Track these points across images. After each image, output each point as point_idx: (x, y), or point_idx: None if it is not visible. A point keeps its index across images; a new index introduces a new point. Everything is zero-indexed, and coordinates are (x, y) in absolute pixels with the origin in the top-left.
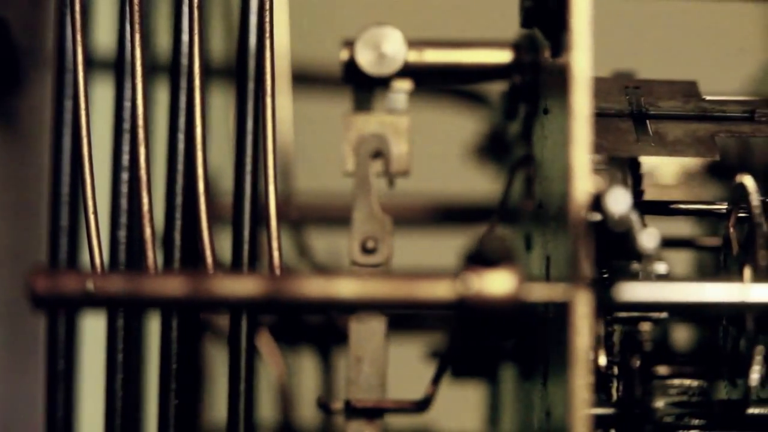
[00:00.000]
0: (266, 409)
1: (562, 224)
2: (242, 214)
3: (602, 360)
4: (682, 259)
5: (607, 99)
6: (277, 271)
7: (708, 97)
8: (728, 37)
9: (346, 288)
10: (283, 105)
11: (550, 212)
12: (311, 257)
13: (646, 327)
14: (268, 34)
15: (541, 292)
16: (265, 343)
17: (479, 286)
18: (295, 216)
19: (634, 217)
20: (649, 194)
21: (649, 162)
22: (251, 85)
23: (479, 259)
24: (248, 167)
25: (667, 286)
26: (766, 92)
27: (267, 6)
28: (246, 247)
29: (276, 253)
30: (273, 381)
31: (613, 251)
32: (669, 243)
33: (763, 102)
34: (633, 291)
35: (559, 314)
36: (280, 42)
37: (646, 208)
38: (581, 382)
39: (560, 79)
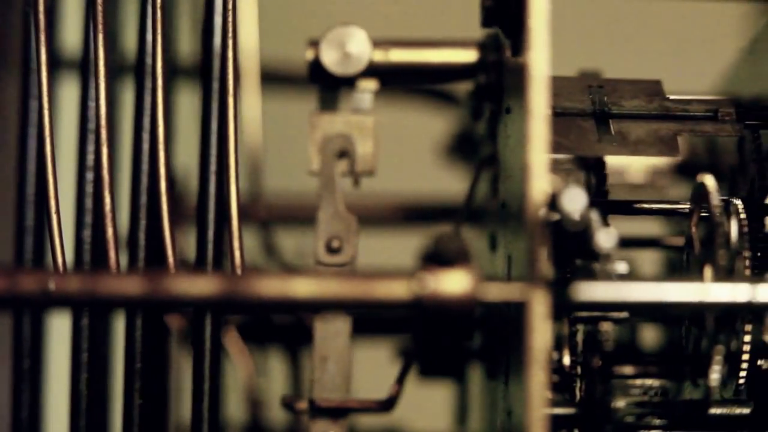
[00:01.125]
0: (234, 409)
1: (521, 224)
2: (207, 213)
3: (566, 360)
4: (653, 259)
5: (570, 98)
6: (239, 271)
7: (672, 97)
8: (696, 36)
9: (302, 287)
10: (251, 105)
11: (511, 212)
12: (279, 257)
13: (606, 327)
14: (231, 34)
15: (497, 292)
16: (233, 342)
17: (435, 285)
18: (263, 215)
19: (594, 217)
20: (618, 194)
21: (617, 162)
22: (215, 85)
23: (435, 258)
24: (213, 167)
25: (625, 286)
26: (733, 91)
27: (230, 6)
28: (210, 246)
29: (237, 253)
30: (240, 380)
31: (573, 251)
32: (637, 243)
33: (726, 101)
34: (590, 291)
35: (517, 314)
36: (248, 42)
37: (610, 207)
38: (538, 381)
39: (519, 79)
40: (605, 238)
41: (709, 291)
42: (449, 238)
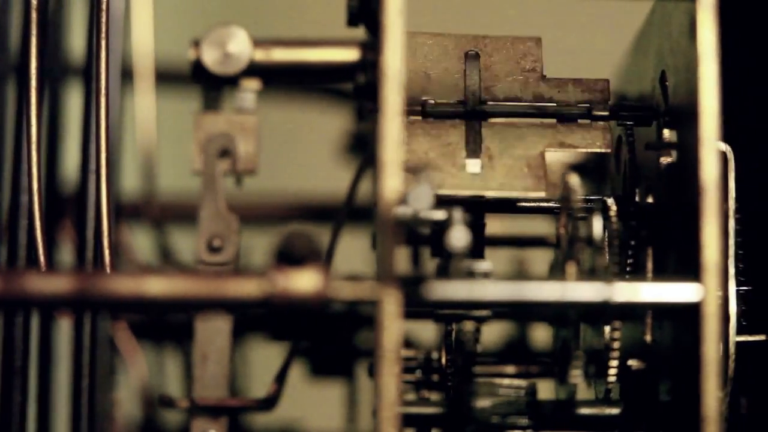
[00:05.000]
0: (129, 408)
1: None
2: (86, 212)
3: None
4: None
5: (443, 84)
6: (108, 270)
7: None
8: (587, 33)
9: (154, 286)
10: (145, 104)
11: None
12: (173, 257)
13: (469, 326)
14: (104, 35)
15: (349, 291)
16: (125, 340)
17: (285, 284)
18: (158, 215)
19: (457, 216)
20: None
21: None
22: (95, 85)
23: (286, 257)
24: (92, 166)
25: (480, 285)
26: (621, 89)
27: (103, 6)
28: (90, 246)
29: (106, 251)
30: (133, 379)
31: (434, 249)
32: (529, 242)
33: (601, 89)
34: (443, 289)
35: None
36: (143, 42)
37: (489, 206)
38: (389, 380)
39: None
40: (457, 236)
41: (565, 290)
42: (299, 237)
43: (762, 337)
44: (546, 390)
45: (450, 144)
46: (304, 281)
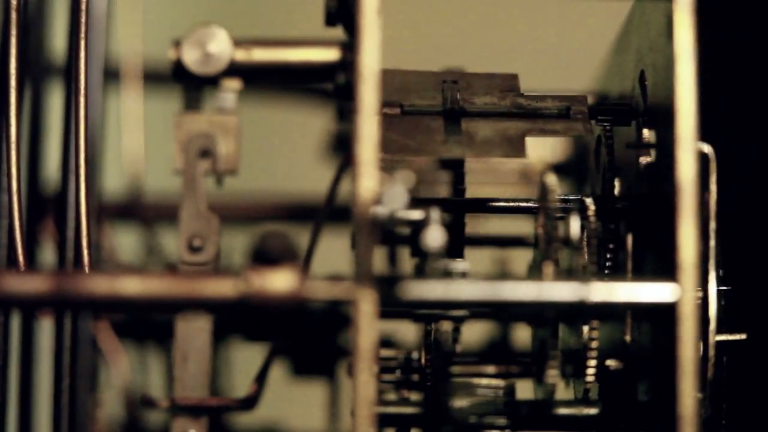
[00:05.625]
0: (112, 408)
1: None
2: (66, 212)
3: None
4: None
5: (422, 95)
6: (87, 270)
7: (526, 93)
8: (571, 33)
9: (130, 287)
10: (133, 105)
11: None
12: (162, 257)
13: (446, 326)
14: (82, 34)
15: (325, 291)
16: (108, 340)
17: (260, 284)
18: (145, 215)
19: (434, 215)
20: (494, 192)
21: (494, 159)
22: (74, 85)
23: (261, 257)
24: (73, 166)
25: (456, 285)
26: (603, 89)
27: (82, 6)
28: (70, 245)
29: (85, 252)
30: (115, 379)
31: (413, 249)
32: (510, 242)
33: (580, 98)
34: (419, 289)
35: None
36: (132, 44)
37: (466, 206)
38: (365, 379)
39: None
40: (433, 236)
41: (541, 290)
42: (274, 237)
43: (743, 336)
44: (527, 390)
45: (429, 129)
46: (279, 281)
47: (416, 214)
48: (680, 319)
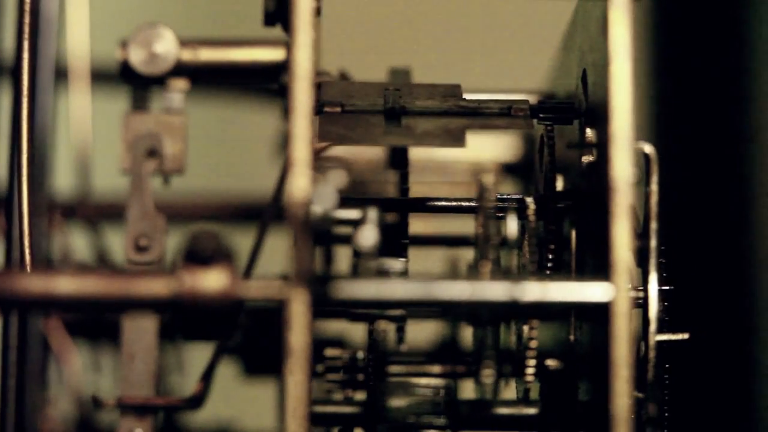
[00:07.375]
0: (64, 407)
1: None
2: (13, 212)
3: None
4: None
5: (364, 100)
6: (29, 269)
7: (468, 97)
8: (520, 33)
9: (63, 285)
10: (80, 104)
11: None
12: (108, 256)
13: (383, 325)
14: (26, 35)
15: (257, 290)
16: (58, 339)
17: (192, 283)
18: (93, 214)
19: (371, 215)
20: (440, 192)
21: (442, 160)
22: (18, 85)
23: (193, 257)
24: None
25: (389, 284)
26: (551, 89)
27: (26, 8)
28: (18, 245)
29: (27, 251)
30: (67, 377)
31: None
32: (454, 242)
33: (520, 100)
34: (352, 289)
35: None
36: (79, 42)
37: (408, 206)
38: (297, 379)
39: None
40: (365, 235)
41: (474, 289)
42: (206, 236)
43: (686, 336)
44: (472, 390)
45: (370, 123)
46: (211, 280)
47: (353, 214)
48: (614, 318)
